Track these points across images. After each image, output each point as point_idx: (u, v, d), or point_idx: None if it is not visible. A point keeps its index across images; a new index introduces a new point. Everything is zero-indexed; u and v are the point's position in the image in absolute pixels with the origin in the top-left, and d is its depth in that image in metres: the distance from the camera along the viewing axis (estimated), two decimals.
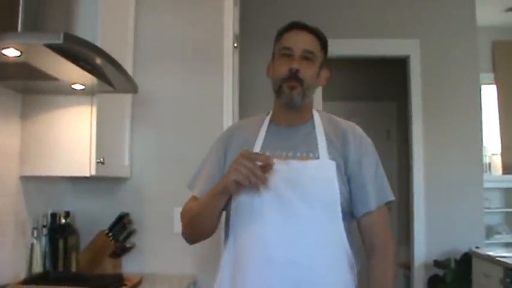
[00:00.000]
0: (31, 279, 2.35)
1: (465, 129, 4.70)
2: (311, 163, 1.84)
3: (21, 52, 1.71)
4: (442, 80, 4.73)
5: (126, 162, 2.86)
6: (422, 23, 4.77)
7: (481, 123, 4.76)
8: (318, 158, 1.84)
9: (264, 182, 1.72)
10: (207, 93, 2.96)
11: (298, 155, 1.86)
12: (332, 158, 1.85)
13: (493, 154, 5.62)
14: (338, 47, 4.75)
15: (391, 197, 1.93)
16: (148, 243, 2.89)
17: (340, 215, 1.82)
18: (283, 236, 1.77)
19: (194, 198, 1.97)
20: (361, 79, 6.17)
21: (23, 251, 2.42)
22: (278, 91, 1.90)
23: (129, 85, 2.32)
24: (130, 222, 2.82)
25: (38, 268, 2.43)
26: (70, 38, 1.64)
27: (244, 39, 3.62)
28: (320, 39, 1.94)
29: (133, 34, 2.93)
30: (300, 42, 1.89)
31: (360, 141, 1.92)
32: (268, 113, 2.02)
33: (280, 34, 1.95)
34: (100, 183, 2.84)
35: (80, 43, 1.74)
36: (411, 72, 4.76)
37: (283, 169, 1.81)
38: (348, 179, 1.87)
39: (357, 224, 1.91)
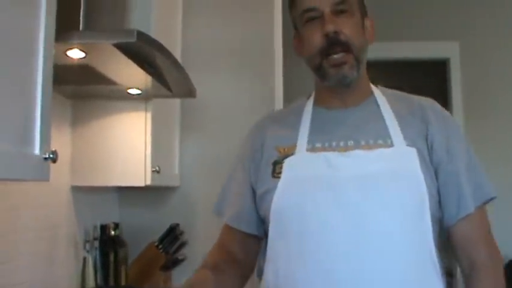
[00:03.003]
0: None
1: (508, 133, 4.55)
2: (383, 152, 1.34)
3: (86, 53, 1.60)
4: (483, 83, 4.59)
5: (176, 170, 2.74)
6: (462, 24, 4.63)
7: None
8: (391, 145, 1.35)
9: None
10: (258, 98, 2.83)
11: (363, 143, 1.37)
12: (411, 143, 1.35)
13: None
14: (374, 50, 4.63)
15: (492, 193, 1.42)
16: (200, 255, 2.73)
17: (430, 222, 1.31)
18: (351, 258, 1.27)
19: (226, 228, 1.55)
20: (397, 83, 6.01)
21: (75, 264, 2.30)
22: (319, 72, 1.41)
23: (188, 89, 2.20)
24: (181, 233, 2.70)
25: (90, 283, 2.30)
26: (143, 36, 1.52)
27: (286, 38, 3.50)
28: None
29: (181, 38, 2.81)
30: None
31: (444, 120, 1.43)
32: (309, 96, 1.53)
33: None
34: (148, 193, 2.72)
35: (152, 43, 1.62)
36: (451, 75, 4.62)
37: (345, 165, 1.33)
38: (435, 171, 1.37)
39: (448, 234, 1.40)
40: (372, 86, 1.51)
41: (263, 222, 1.45)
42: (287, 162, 1.39)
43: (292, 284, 1.32)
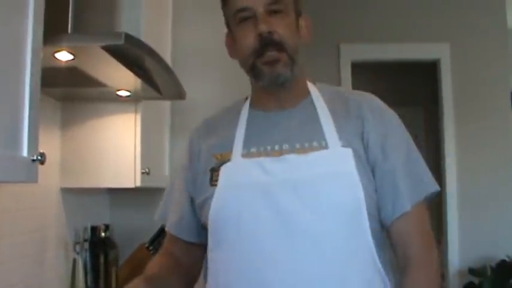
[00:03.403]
0: None
1: (498, 132, 4.58)
2: (317, 155, 1.31)
3: (74, 56, 1.60)
4: (473, 84, 4.61)
5: (167, 172, 2.75)
6: (452, 26, 4.65)
7: None
8: (326, 147, 1.32)
9: None
10: None
11: (298, 146, 1.33)
12: (346, 144, 1.32)
13: None
14: (366, 52, 4.67)
15: (432, 187, 1.38)
16: None
17: (368, 223, 1.28)
18: (288, 267, 1.25)
19: (169, 235, 1.53)
20: (388, 84, 6.06)
21: (65, 266, 2.30)
22: (252, 72, 1.37)
23: (178, 91, 2.21)
24: None
25: (80, 285, 2.31)
26: (131, 39, 1.53)
27: None
28: None
29: (171, 41, 2.83)
30: None
31: (381, 115, 1.39)
32: (246, 98, 1.50)
33: None
34: (138, 194, 2.72)
35: (140, 45, 1.64)
36: (442, 76, 4.64)
37: (279, 170, 1.30)
38: (372, 170, 1.34)
39: (386, 232, 1.37)
40: (310, 85, 1.46)
41: (205, 229, 1.40)
42: (223, 170, 1.37)
43: (228, 284, 1.31)
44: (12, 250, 1.91)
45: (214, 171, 1.39)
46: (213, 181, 1.38)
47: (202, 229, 1.42)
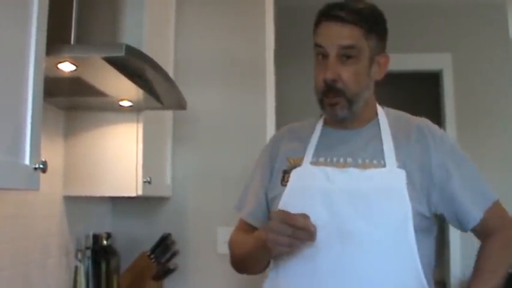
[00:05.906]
0: None
1: (501, 144, 4.57)
2: (375, 172, 1.53)
3: (76, 66, 1.63)
4: (475, 94, 4.62)
5: (168, 181, 2.77)
6: (454, 36, 4.67)
7: None
8: (384, 165, 1.54)
9: (312, 239, 1.41)
10: (249, 110, 2.87)
11: (360, 162, 1.56)
12: (401, 165, 1.53)
13: None
14: None
15: (494, 196, 1.62)
16: (191, 264, 2.79)
17: (413, 235, 1.47)
18: (340, 265, 1.47)
19: (242, 222, 1.79)
20: (390, 94, 6.06)
21: (66, 274, 2.33)
22: (320, 104, 1.62)
23: (179, 101, 2.24)
24: (173, 243, 2.73)
25: None
26: (132, 50, 1.56)
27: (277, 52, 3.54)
28: (362, 24, 1.55)
29: (173, 50, 2.86)
30: (333, 37, 1.54)
31: (441, 139, 1.60)
32: (321, 115, 1.73)
33: (315, 26, 1.60)
34: (140, 203, 2.75)
35: (141, 56, 1.66)
36: (444, 87, 4.66)
37: (340, 179, 1.53)
38: (439, 189, 1.55)
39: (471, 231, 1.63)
40: (378, 108, 1.69)
41: None
42: (293, 173, 1.61)
43: (287, 275, 1.54)
44: (14, 257, 1.93)
45: (286, 173, 1.64)
46: (284, 182, 1.63)
47: None
